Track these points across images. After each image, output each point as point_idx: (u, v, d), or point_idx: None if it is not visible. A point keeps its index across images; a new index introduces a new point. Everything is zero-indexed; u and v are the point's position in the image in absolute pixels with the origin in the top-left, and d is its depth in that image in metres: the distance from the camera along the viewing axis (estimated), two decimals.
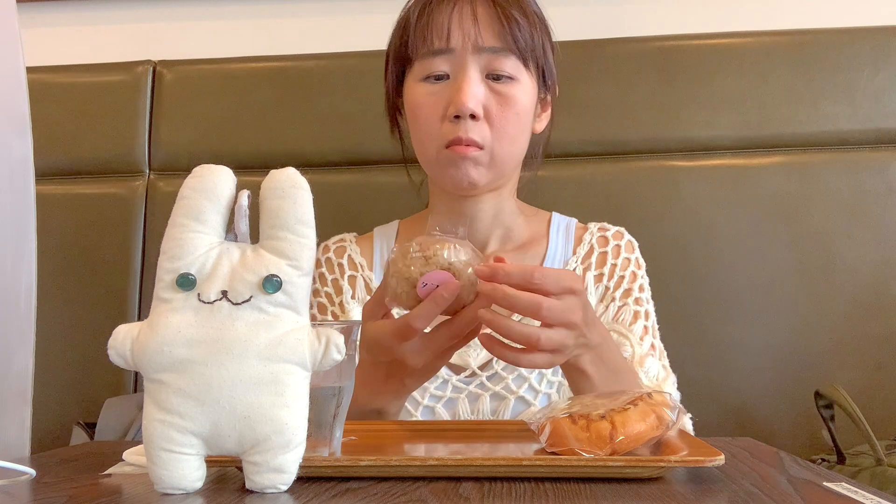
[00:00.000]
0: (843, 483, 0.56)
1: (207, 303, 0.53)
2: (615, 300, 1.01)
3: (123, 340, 0.54)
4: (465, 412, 0.95)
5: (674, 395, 0.94)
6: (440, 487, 0.55)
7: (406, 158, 1.07)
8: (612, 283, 1.02)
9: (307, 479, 0.57)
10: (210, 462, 0.55)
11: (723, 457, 0.56)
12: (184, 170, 0.61)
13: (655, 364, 0.97)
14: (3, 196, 0.75)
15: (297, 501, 0.52)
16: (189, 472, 0.53)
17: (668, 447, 0.62)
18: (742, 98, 1.29)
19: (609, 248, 1.04)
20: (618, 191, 1.29)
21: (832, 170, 1.27)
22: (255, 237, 0.56)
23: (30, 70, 0.80)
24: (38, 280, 0.79)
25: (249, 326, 0.53)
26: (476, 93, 0.92)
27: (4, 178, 0.76)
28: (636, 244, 1.06)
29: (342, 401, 0.63)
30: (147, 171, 1.38)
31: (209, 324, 0.53)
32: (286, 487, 0.54)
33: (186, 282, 0.54)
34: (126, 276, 1.34)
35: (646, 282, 1.04)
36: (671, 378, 0.97)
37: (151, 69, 1.40)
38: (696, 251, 1.27)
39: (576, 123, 1.27)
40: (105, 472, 0.64)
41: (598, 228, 1.07)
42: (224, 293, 0.54)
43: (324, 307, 1.05)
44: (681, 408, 0.64)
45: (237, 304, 0.53)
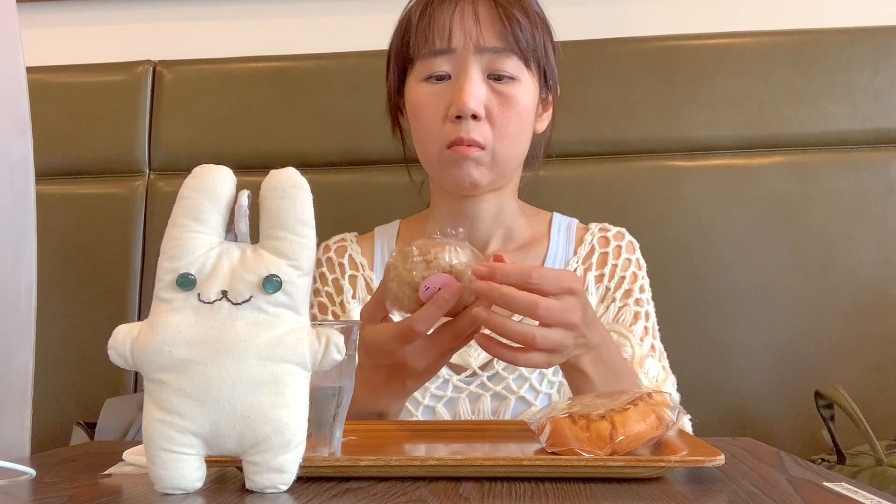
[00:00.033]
0: (843, 483, 0.56)
1: (207, 303, 0.53)
2: (616, 301, 1.01)
3: (123, 340, 0.54)
4: (466, 412, 0.95)
5: (673, 396, 0.94)
6: (440, 487, 0.55)
7: (407, 158, 1.07)
8: (613, 284, 1.02)
9: (307, 479, 0.57)
10: (210, 462, 0.55)
11: (723, 457, 0.56)
12: (184, 170, 0.61)
13: (655, 365, 0.97)
14: (3, 196, 0.75)
15: (297, 501, 0.52)
16: (189, 472, 0.53)
17: (668, 447, 0.62)
18: (742, 98, 1.29)
19: (610, 249, 1.04)
20: (618, 191, 1.29)
21: (832, 170, 1.27)
22: (255, 237, 0.56)
23: (30, 70, 0.80)
24: (38, 280, 0.79)
25: (249, 326, 0.53)
26: (478, 93, 0.92)
27: (4, 178, 0.76)
28: (637, 245, 1.06)
29: (342, 401, 0.63)
30: (147, 171, 1.38)
31: (209, 324, 0.53)
32: (286, 487, 0.54)
33: (186, 282, 0.54)
34: (126, 276, 1.34)
35: (646, 283, 1.04)
36: (671, 379, 0.97)
37: (151, 69, 1.40)
38: (696, 251, 1.27)
39: (576, 123, 1.27)
40: (105, 472, 0.64)
41: (600, 229, 1.07)
42: (224, 293, 0.54)
43: (324, 307, 1.05)
44: (681, 408, 0.64)
45: (237, 304, 0.53)
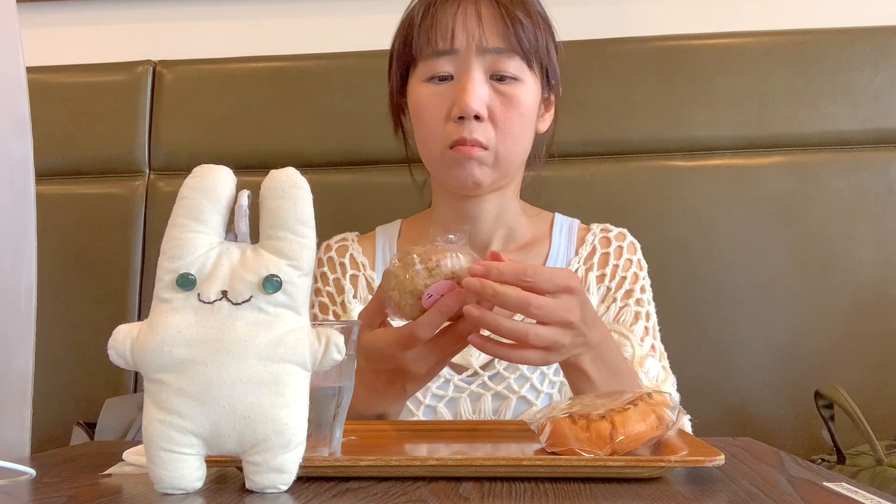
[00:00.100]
0: (843, 483, 0.56)
1: (207, 303, 0.53)
2: (616, 301, 1.01)
3: (123, 340, 0.54)
4: (467, 412, 0.95)
5: (673, 396, 0.94)
6: (440, 487, 0.55)
7: (409, 158, 1.07)
8: (614, 284, 1.02)
9: (307, 479, 0.57)
10: (210, 462, 0.55)
11: (723, 457, 0.56)
12: (184, 170, 0.61)
13: (655, 365, 0.97)
14: (3, 196, 0.75)
15: (297, 501, 0.52)
16: (189, 472, 0.53)
17: (668, 447, 0.62)
18: (742, 98, 1.29)
19: (611, 249, 1.04)
20: (618, 191, 1.29)
21: (832, 170, 1.27)
22: (255, 237, 0.56)
23: (30, 70, 0.80)
24: (38, 280, 0.79)
25: (249, 326, 0.53)
26: (480, 94, 0.91)
27: (4, 178, 0.76)
28: (638, 246, 1.06)
29: (342, 401, 0.63)
30: (147, 171, 1.38)
31: (209, 324, 0.53)
32: (286, 487, 0.54)
33: (186, 282, 0.53)
34: (126, 276, 1.34)
35: (647, 283, 1.04)
36: (671, 379, 0.97)
37: (151, 69, 1.40)
38: (696, 251, 1.27)
39: (576, 123, 1.27)
40: (105, 472, 0.64)
41: (601, 229, 1.07)
42: (224, 293, 0.54)
43: (325, 307, 1.05)
44: (681, 408, 0.64)
45: (237, 304, 0.53)
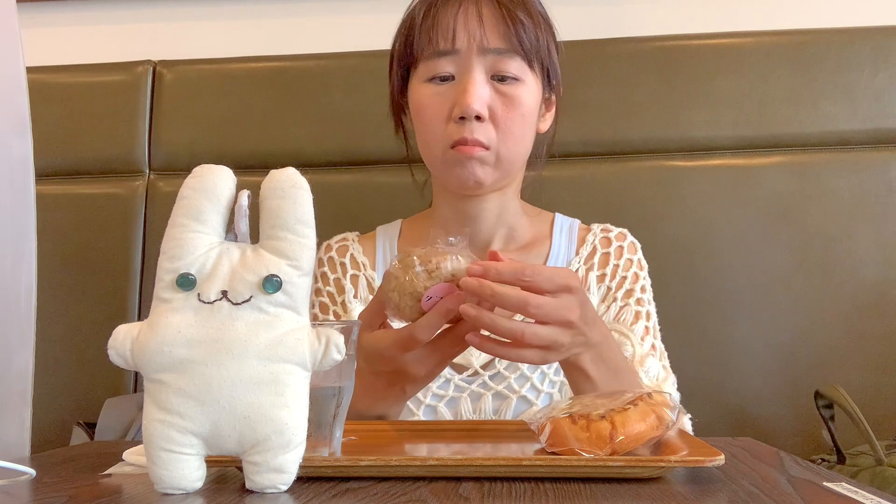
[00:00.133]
0: (843, 483, 0.56)
1: (207, 303, 0.53)
2: (617, 300, 1.01)
3: (123, 340, 0.54)
4: (468, 411, 0.95)
5: (674, 396, 0.94)
6: (440, 487, 0.55)
7: (410, 158, 1.07)
8: (615, 284, 1.02)
9: (307, 479, 0.57)
10: (210, 462, 0.55)
11: (723, 457, 0.56)
12: (184, 170, 0.61)
13: (656, 364, 0.97)
14: (3, 196, 0.75)
15: (297, 501, 0.52)
16: (189, 472, 0.53)
17: (668, 447, 0.62)
18: (742, 98, 1.29)
19: (612, 249, 1.04)
20: (618, 191, 1.29)
21: (832, 170, 1.27)
22: (255, 237, 0.56)
23: (30, 70, 0.80)
24: (38, 280, 0.79)
25: (249, 326, 0.53)
26: (481, 94, 0.91)
27: (4, 178, 0.76)
28: (639, 246, 1.07)
29: (342, 401, 0.63)
30: (147, 171, 1.38)
31: (209, 324, 0.53)
32: (286, 487, 0.54)
33: (186, 282, 0.53)
34: (126, 276, 1.34)
35: (648, 283, 1.04)
36: (671, 378, 0.97)
37: (151, 69, 1.40)
38: (696, 251, 1.27)
39: (576, 123, 1.27)
40: (105, 472, 0.64)
41: (602, 229, 1.07)
42: (224, 293, 0.54)
43: (326, 306, 1.05)
44: (681, 408, 0.64)
45: (237, 304, 0.53)
